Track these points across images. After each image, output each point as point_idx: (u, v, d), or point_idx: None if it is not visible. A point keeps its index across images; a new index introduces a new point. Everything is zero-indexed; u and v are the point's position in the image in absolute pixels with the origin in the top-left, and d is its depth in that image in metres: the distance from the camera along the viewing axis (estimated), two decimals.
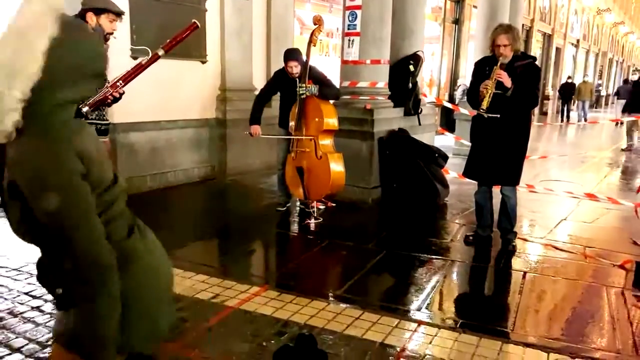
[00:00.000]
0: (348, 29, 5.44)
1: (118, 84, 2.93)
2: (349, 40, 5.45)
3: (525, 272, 3.63)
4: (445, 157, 5.67)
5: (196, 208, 5.40)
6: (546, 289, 3.42)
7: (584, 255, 4.00)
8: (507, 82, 3.66)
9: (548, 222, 4.96)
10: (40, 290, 3.03)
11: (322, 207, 5.05)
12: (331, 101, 4.73)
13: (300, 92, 4.45)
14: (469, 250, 4.10)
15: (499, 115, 3.75)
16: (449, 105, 8.73)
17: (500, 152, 3.84)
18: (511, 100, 3.71)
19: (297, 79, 4.55)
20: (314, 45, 4.51)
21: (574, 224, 4.99)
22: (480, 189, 4.15)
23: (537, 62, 3.96)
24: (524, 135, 3.93)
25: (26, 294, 2.99)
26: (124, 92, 2.97)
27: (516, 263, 3.85)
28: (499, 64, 3.72)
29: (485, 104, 3.72)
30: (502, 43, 3.70)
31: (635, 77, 11.06)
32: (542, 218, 5.12)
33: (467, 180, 6.24)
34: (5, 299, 2.93)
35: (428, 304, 3.08)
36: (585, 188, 6.42)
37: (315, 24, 4.47)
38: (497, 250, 4.07)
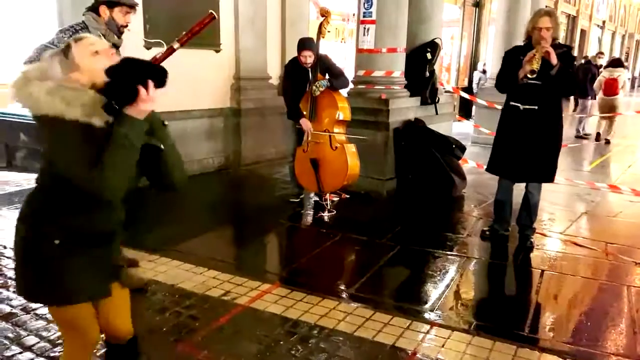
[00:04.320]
0: (363, 16, 5.31)
1: None
2: (365, 28, 5.32)
3: (543, 270, 3.54)
4: (462, 148, 5.55)
5: (209, 199, 5.39)
6: (564, 289, 3.33)
7: (605, 252, 3.88)
8: (554, 58, 3.42)
9: (568, 215, 4.83)
10: None
11: (335, 198, 5.00)
12: (342, 91, 4.69)
13: (315, 93, 4.42)
14: (485, 246, 4.01)
15: (536, 107, 3.55)
16: (466, 95, 8.54)
17: (536, 146, 3.63)
18: (554, 80, 3.47)
19: (310, 69, 4.49)
20: (323, 37, 4.48)
21: (595, 217, 4.85)
22: (504, 184, 3.94)
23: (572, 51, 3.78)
24: (560, 128, 3.74)
25: None
26: None
27: (534, 260, 3.75)
28: (540, 47, 3.43)
29: (535, 64, 3.39)
30: (546, 25, 3.45)
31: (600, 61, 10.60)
32: (562, 211, 4.98)
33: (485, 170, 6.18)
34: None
35: (441, 304, 3.02)
36: (608, 179, 6.24)
37: (322, 16, 4.41)
38: (514, 246, 3.97)
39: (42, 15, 5.07)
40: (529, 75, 3.45)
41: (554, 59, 3.42)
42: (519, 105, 3.58)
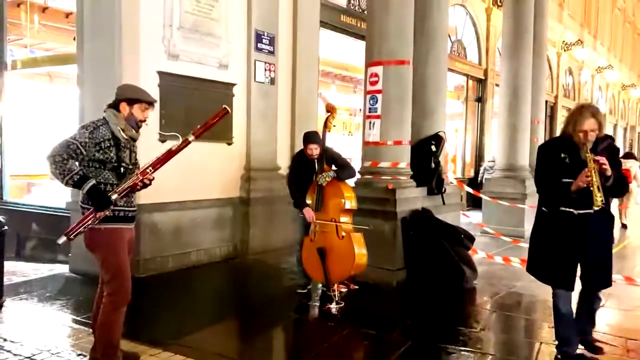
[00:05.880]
0: (369, 112, 5.54)
1: (148, 170, 2.97)
2: (370, 122, 5.53)
3: None
4: (471, 238, 5.51)
5: (215, 289, 5.31)
6: None
7: (627, 349, 3.69)
8: (609, 171, 3.07)
9: None
10: None
11: (344, 289, 4.89)
12: (349, 181, 4.80)
13: (321, 182, 4.54)
14: (499, 341, 3.85)
15: (592, 211, 3.15)
16: (471, 190, 8.60)
17: (595, 251, 3.26)
18: (609, 189, 3.16)
19: (316, 161, 4.63)
20: (329, 131, 4.68)
21: (613, 311, 4.66)
22: (567, 296, 3.40)
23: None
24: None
25: None
26: (153, 178, 3.01)
27: (552, 359, 3.56)
28: (588, 150, 3.08)
29: (599, 199, 3.02)
30: (592, 128, 3.07)
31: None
32: None
33: (497, 261, 6.08)
34: None
35: None
36: (623, 271, 6.08)
37: (328, 112, 4.64)
38: (529, 340, 3.80)
39: (64, 112, 5.36)
40: (596, 209, 3.10)
41: (609, 172, 3.08)
42: (572, 210, 3.22)
